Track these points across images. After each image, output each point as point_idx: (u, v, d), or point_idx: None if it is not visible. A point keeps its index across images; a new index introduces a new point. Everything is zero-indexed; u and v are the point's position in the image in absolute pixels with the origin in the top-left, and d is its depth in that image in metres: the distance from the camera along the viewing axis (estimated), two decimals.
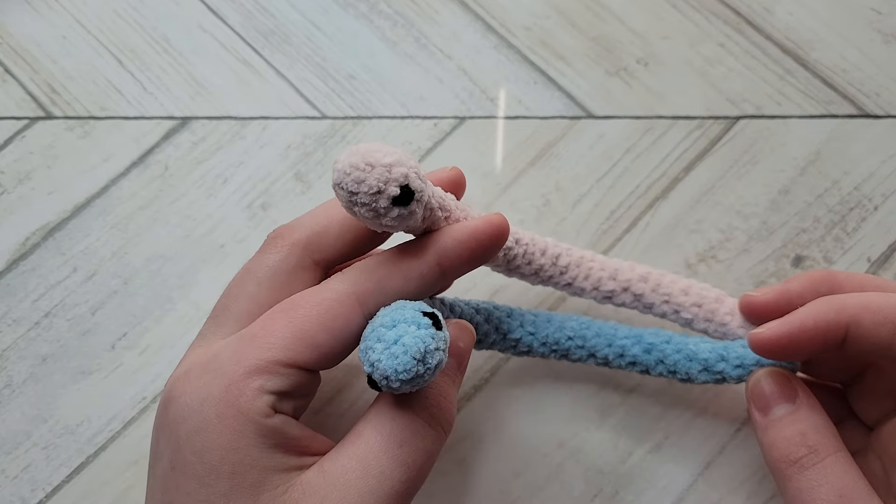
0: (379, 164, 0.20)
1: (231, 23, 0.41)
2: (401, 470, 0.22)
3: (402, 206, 0.21)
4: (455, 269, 0.24)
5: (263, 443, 0.21)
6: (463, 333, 0.25)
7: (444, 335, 0.21)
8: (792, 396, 0.25)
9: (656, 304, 0.29)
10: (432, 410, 0.23)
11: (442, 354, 0.21)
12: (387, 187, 0.20)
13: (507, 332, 0.28)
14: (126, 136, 0.38)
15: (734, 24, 0.40)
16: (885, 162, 0.37)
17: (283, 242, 0.25)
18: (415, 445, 0.22)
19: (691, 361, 0.28)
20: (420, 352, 0.20)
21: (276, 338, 0.22)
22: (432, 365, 0.20)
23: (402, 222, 0.21)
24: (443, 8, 0.41)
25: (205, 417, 0.21)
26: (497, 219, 0.24)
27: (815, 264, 0.35)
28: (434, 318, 0.21)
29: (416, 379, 0.20)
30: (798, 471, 0.24)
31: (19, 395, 0.33)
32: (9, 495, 0.32)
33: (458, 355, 0.24)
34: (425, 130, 0.38)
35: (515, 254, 0.27)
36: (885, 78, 0.38)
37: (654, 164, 0.37)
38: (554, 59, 0.39)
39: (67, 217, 0.37)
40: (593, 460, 0.32)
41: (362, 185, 0.20)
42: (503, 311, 0.29)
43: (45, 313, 0.35)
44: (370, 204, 0.20)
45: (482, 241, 0.23)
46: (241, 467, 0.21)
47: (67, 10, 0.41)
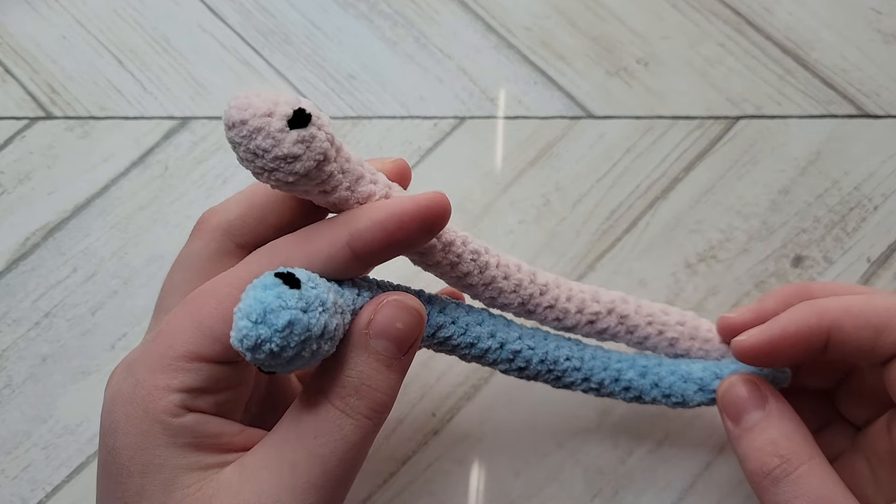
0: (264, 91, 0.19)
1: (231, 23, 0.41)
2: (316, 462, 0.20)
3: (301, 128, 0.18)
4: (371, 254, 0.21)
5: (173, 442, 0.20)
6: (402, 313, 0.21)
7: (298, 294, 0.18)
8: (762, 402, 0.25)
9: (641, 325, 0.27)
10: (350, 399, 0.21)
11: (297, 314, 0.18)
12: (277, 108, 0.18)
13: (504, 342, 0.25)
14: (126, 136, 0.38)
15: (734, 24, 0.40)
16: (885, 162, 0.37)
17: (205, 227, 0.24)
18: (331, 436, 0.21)
19: (686, 382, 0.27)
20: (256, 313, 0.18)
21: (178, 332, 0.21)
22: (278, 325, 0.18)
23: (310, 156, 0.19)
24: (443, 8, 0.41)
25: (115, 418, 0.21)
26: (426, 199, 0.21)
27: (815, 264, 0.35)
28: (287, 277, 0.19)
29: (264, 343, 0.18)
30: (772, 483, 0.24)
31: (19, 395, 0.33)
32: (9, 495, 0.32)
33: (397, 338, 0.21)
34: (425, 130, 0.38)
35: (487, 262, 0.24)
36: (885, 78, 0.38)
37: (655, 164, 0.37)
38: (554, 59, 0.39)
39: (67, 217, 0.37)
40: (593, 460, 0.32)
41: (249, 110, 0.18)
42: (500, 319, 0.26)
43: (45, 313, 0.35)
44: (263, 128, 0.18)
45: (404, 222, 0.20)
46: (151, 467, 0.20)
47: (67, 10, 0.41)
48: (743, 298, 0.34)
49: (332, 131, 0.20)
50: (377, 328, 0.21)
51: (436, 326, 0.24)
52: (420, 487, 0.32)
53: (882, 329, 0.24)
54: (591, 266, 0.35)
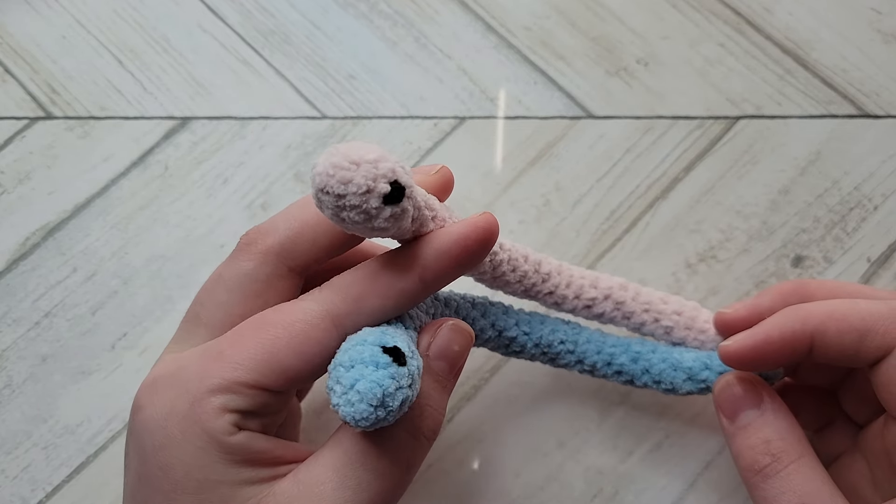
0: (364, 160, 0.18)
1: (231, 23, 0.41)
2: (378, 481, 0.21)
3: (395, 205, 0.19)
4: (438, 281, 0.22)
5: (229, 459, 0.21)
6: (458, 336, 0.23)
7: (406, 371, 0.19)
8: (757, 401, 0.25)
9: (636, 312, 0.28)
10: (415, 420, 0.22)
11: (407, 392, 0.19)
12: (376, 184, 0.18)
13: (502, 330, 0.27)
14: (126, 136, 0.38)
15: (734, 24, 0.40)
16: (885, 162, 0.37)
17: (255, 249, 0.23)
18: (394, 456, 0.21)
19: (676, 371, 0.27)
20: (377, 398, 0.19)
21: (244, 358, 0.21)
22: (394, 407, 0.19)
23: (395, 224, 0.20)
24: (443, 8, 0.41)
25: (169, 434, 0.21)
26: (483, 221, 0.22)
27: (815, 264, 0.35)
28: (395, 354, 0.19)
29: (379, 422, 0.19)
30: (762, 479, 0.24)
31: (19, 395, 0.33)
32: (9, 495, 0.32)
33: (452, 359, 0.23)
34: (425, 130, 0.38)
35: (501, 259, 0.25)
36: (885, 78, 0.38)
37: (655, 164, 0.37)
38: (554, 59, 0.39)
39: (67, 217, 0.37)
40: (593, 460, 0.32)
41: (350, 186, 0.18)
42: (499, 307, 0.27)
43: (45, 313, 0.35)
44: (360, 206, 0.18)
45: (468, 247, 0.22)
46: (207, 484, 0.21)
47: (67, 9, 0.41)
48: (743, 298, 0.34)
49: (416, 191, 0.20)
50: (436, 351, 0.22)
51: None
52: (420, 487, 0.32)
53: (865, 333, 0.24)
54: (591, 266, 0.35)
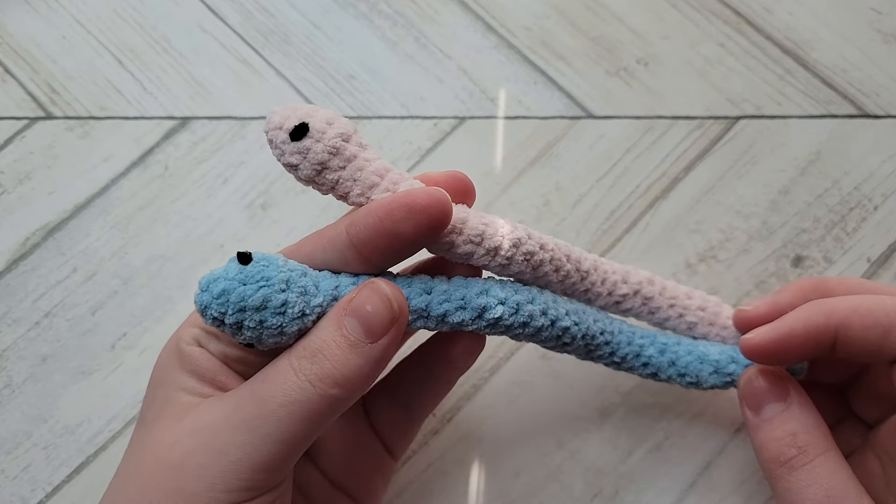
0: (291, 107, 0.22)
1: (231, 23, 0.41)
2: (253, 403, 0.21)
3: (297, 141, 0.22)
4: (365, 242, 0.22)
5: (181, 365, 0.23)
6: (374, 296, 0.22)
7: (243, 268, 0.21)
8: (783, 395, 0.25)
9: (663, 307, 0.28)
10: (303, 361, 0.21)
11: (235, 286, 0.21)
12: (286, 122, 0.22)
13: (556, 320, 0.25)
14: (126, 136, 0.38)
15: (734, 24, 0.40)
16: (885, 162, 0.37)
17: None
18: (274, 387, 0.21)
19: (702, 363, 0.27)
20: (203, 282, 0.21)
21: None
22: (214, 292, 0.21)
23: (306, 165, 0.22)
24: (443, 8, 0.41)
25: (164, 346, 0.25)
26: (420, 192, 0.21)
27: (815, 264, 0.35)
28: (243, 256, 0.21)
29: (206, 309, 0.21)
30: (787, 471, 0.24)
31: (19, 395, 0.33)
32: (9, 495, 0.32)
33: (364, 319, 0.22)
34: (425, 130, 0.38)
35: (541, 259, 0.25)
36: (885, 78, 0.38)
37: (655, 164, 0.37)
38: (554, 59, 0.39)
39: (67, 217, 0.37)
40: (593, 460, 0.32)
41: (269, 123, 0.22)
42: (548, 295, 0.26)
43: (45, 313, 0.35)
44: (273, 140, 0.22)
45: (393, 211, 0.21)
46: (161, 382, 0.24)
47: (67, 9, 0.41)
48: (743, 298, 0.34)
49: (338, 143, 0.22)
50: (352, 306, 0.22)
51: (479, 308, 0.24)
52: (420, 487, 0.32)
53: (890, 329, 0.24)
54: None
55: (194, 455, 0.21)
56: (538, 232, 0.25)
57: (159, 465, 0.21)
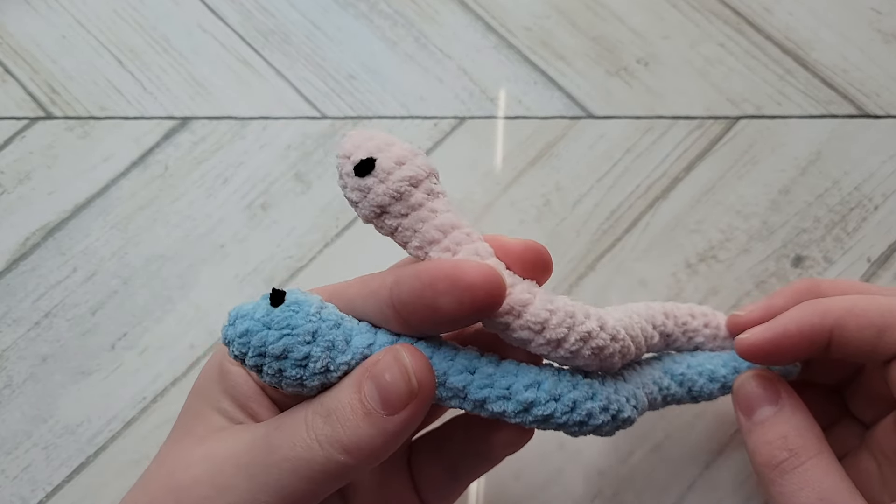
0: (365, 137, 0.20)
1: (231, 23, 0.41)
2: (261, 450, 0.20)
3: (359, 177, 0.20)
4: (405, 306, 0.20)
5: (219, 382, 0.23)
6: (393, 365, 0.20)
7: (272, 311, 0.20)
8: (775, 398, 0.25)
9: (680, 339, 0.27)
10: (318, 419, 0.20)
11: (260, 327, 0.19)
12: (354, 154, 0.20)
13: (617, 413, 0.22)
14: (126, 136, 0.38)
15: (734, 24, 0.40)
16: (885, 162, 0.37)
17: None
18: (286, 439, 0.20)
19: (712, 382, 0.27)
20: (232, 316, 0.20)
21: None
22: (238, 332, 0.19)
23: (365, 205, 0.20)
24: (443, 8, 0.41)
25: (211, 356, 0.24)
26: (472, 268, 0.19)
27: (815, 264, 0.35)
28: (275, 296, 0.20)
29: (230, 343, 0.20)
30: (779, 475, 0.24)
31: (19, 395, 0.33)
32: (9, 495, 0.32)
33: (381, 388, 0.20)
34: (425, 130, 0.38)
35: (611, 352, 0.22)
36: (886, 78, 0.38)
37: (655, 163, 0.37)
38: (554, 59, 0.39)
39: (67, 217, 0.37)
40: (593, 461, 0.32)
41: (339, 150, 0.21)
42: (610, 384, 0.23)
43: (45, 313, 0.35)
44: (339, 169, 0.20)
45: (436, 282, 0.19)
46: (200, 393, 0.23)
47: (67, 9, 0.41)
48: (743, 298, 0.34)
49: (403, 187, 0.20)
50: (373, 370, 0.20)
51: (526, 403, 0.21)
52: None
53: (884, 329, 0.24)
54: (591, 266, 0.35)
55: (200, 484, 0.20)
56: (615, 314, 0.23)
57: (170, 484, 0.21)
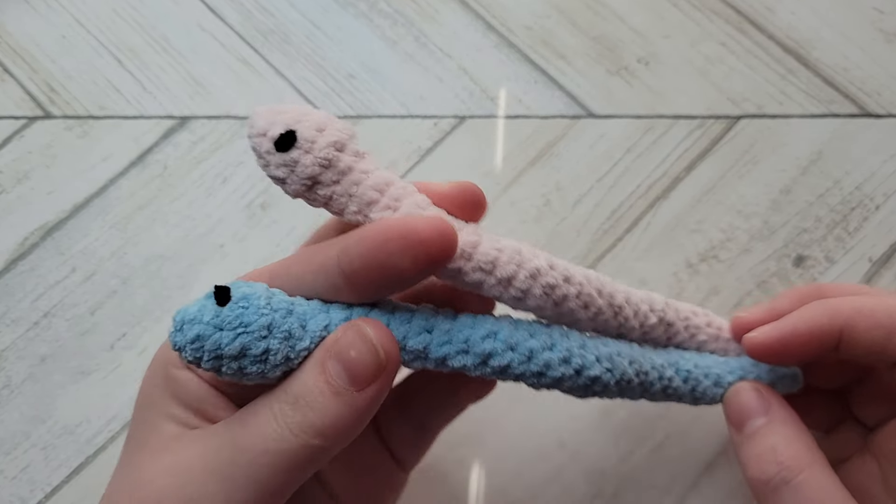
0: (276, 110, 0.19)
1: (230, 22, 0.41)
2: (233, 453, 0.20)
3: (283, 152, 0.19)
4: (357, 273, 0.19)
5: (165, 389, 0.22)
6: (357, 341, 0.20)
7: (220, 311, 0.19)
8: (764, 409, 0.25)
9: (680, 331, 0.27)
10: (285, 407, 0.20)
11: (211, 331, 0.18)
12: (271, 128, 0.19)
13: (581, 368, 0.22)
14: (125, 136, 0.38)
15: (735, 24, 0.40)
16: (886, 161, 0.37)
17: None
18: (252, 434, 0.20)
19: (717, 387, 0.26)
20: (177, 321, 0.19)
21: None
22: (189, 338, 0.18)
23: (294, 179, 0.19)
24: (443, 7, 0.41)
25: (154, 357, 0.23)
26: (422, 223, 0.19)
27: (816, 264, 0.35)
28: (220, 293, 0.19)
29: (179, 348, 0.19)
30: (772, 491, 0.23)
31: (18, 396, 0.33)
32: (8, 496, 0.32)
33: (349, 366, 0.19)
34: (425, 130, 0.38)
35: (565, 294, 0.22)
36: (887, 77, 0.38)
37: (655, 163, 0.37)
38: (555, 59, 0.39)
39: (66, 217, 0.37)
40: (594, 461, 0.32)
41: (252, 128, 0.19)
42: (574, 339, 0.22)
43: (43, 313, 0.35)
44: (256, 148, 0.19)
45: (389, 242, 0.19)
46: (147, 404, 0.22)
47: (66, 9, 0.41)
48: (744, 298, 0.34)
49: (331, 153, 0.20)
50: (335, 349, 0.20)
51: (483, 355, 0.21)
52: (420, 488, 0.32)
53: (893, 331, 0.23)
54: (591, 266, 0.35)
55: (169, 497, 0.20)
56: (566, 262, 0.22)
57: (134, 502, 0.20)
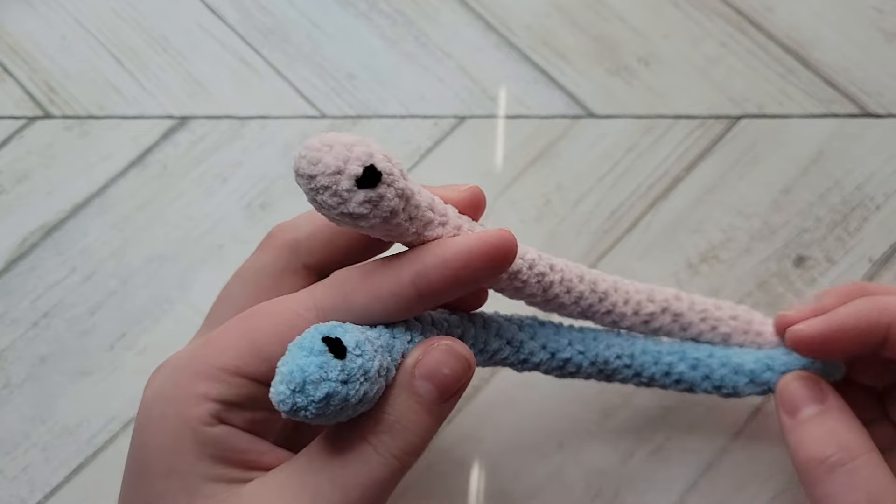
0: (338, 143, 0.18)
1: (230, 21, 0.40)
2: (338, 492, 0.20)
3: (369, 189, 0.18)
4: (435, 293, 0.20)
5: (201, 451, 0.20)
6: (451, 359, 0.21)
7: (340, 365, 0.18)
8: (821, 399, 0.25)
9: (695, 322, 0.27)
10: (383, 436, 0.20)
11: (336, 387, 0.18)
12: (347, 165, 0.18)
13: (555, 352, 0.25)
14: (124, 136, 0.38)
15: (735, 23, 0.40)
16: (886, 161, 0.37)
17: (273, 243, 0.24)
18: (357, 469, 0.20)
19: (737, 374, 0.26)
20: (295, 382, 0.18)
21: (227, 345, 0.21)
22: (316, 397, 0.18)
23: (374, 212, 0.19)
24: (443, 6, 0.40)
25: (150, 414, 0.21)
26: (495, 238, 0.20)
27: (816, 264, 0.35)
28: (335, 345, 0.18)
29: (299, 410, 0.18)
30: (827, 471, 0.23)
31: (18, 396, 0.33)
32: (7, 496, 0.32)
33: (440, 383, 0.21)
34: (425, 130, 0.38)
35: (552, 280, 0.24)
36: (887, 77, 0.38)
37: (656, 163, 0.37)
38: (555, 58, 0.39)
39: (66, 217, 0.37)
40: (594, 461, 0.32)
41: (319, 166, 0.18)
42: (549, 327, 0.25)
43: (43, 313, 0.35)
44: (330, 187, 0.18)
45: (472, 261, 0.20)
46: (175, 471, 0.20)
47: (66, 9, 0.41)
48: (745, 298, 0.34)
49: (404, 183, 0.19)
50: (423, 370, 0.21)
51: (492, 351, 0.24)
52: (420, 488, 0.32)
53: None
54: (592, 266, 0.35)
55: None
56: (546, 254, 0.24)
57: None
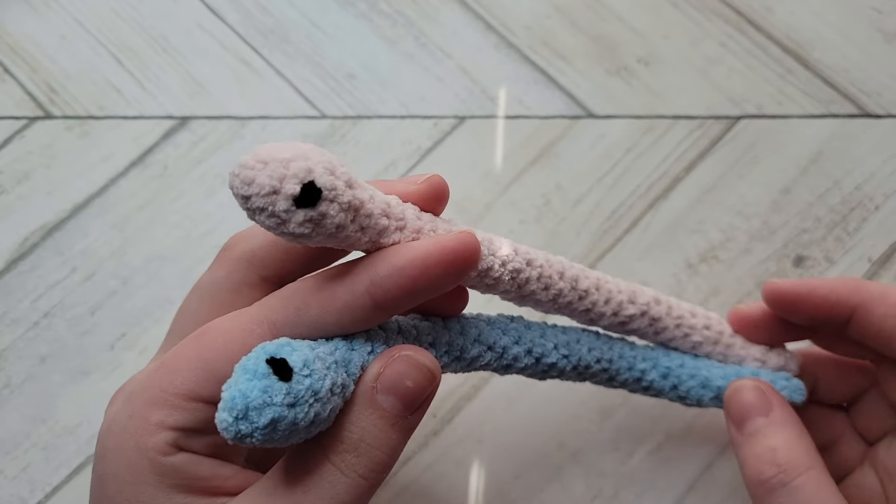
0: (273, 159, 0.17)
1: (230, 22, 0.41)
2: None
3: (308, 208, 0.17)
4: (393, 302, 0.19)
5: (160, 481, 0.20)
6: (413, 371, 0.20)
7: (286, 388, 0.17)
8: (766, 409, 0.25)
9: (669, 327, 0.27)
10: (347, 456, 0.19)
11: (281, 411, 0.17)
12: (283, 185, 0.17)
13: (541, 356, 0.24)
14: (125, 136, 0.38)
15: (735, 24, 0.40)
16: (886, 161, 0.37)
17: (228, 256, 0.23)
18: (322, 492, 0.19)
19: (704, 388, 0.27)
20: (237, 409, 0.17)
21: (181, 368, 0.20)
22: (260, 423, 0.17)
23: (321, 232, 0.18)
24: (443, 7, 0.41)
25: (107, 446, 0.20)
26: (454, 241, 0.19)
27: (816, 264, 0.35)
28: (280, 367, 0.17)
29: (244, 437, 0.17)
30: (767, 492, 0.23)
31: (18, 396, 0.33)
32: (8, 496, 0.32)
33: (404, 396, 0.20)
34: (425, 130, 0.38)
35: (528, 277, 0.23)
36: (887, 77, 0.38)
37: (655, 163, 0.37)
38: (554, 59, 0.39)
39: (66, 217, 0.37)
40: (593, 461, 0.32)
41: (252, 186, 0.17)
42: (536, 329, 0.25)
43: (43, 313, 0.35)
44: (267, 208, 0.17)
45: (428, 268, 0.19)
46: (137, 502, 0.20)
47: (66, 9, 0.41)
48: (744, 298, 0.34)
49: (350, 195, 0.18)
50: (385, 384, 0.20)
51: (471, 358, 0.23)
52: (420, 489, 0.32)
53: None
54: (591, 266, 0.35)
55: None
56: (527, 246, 0.23)
57: None
